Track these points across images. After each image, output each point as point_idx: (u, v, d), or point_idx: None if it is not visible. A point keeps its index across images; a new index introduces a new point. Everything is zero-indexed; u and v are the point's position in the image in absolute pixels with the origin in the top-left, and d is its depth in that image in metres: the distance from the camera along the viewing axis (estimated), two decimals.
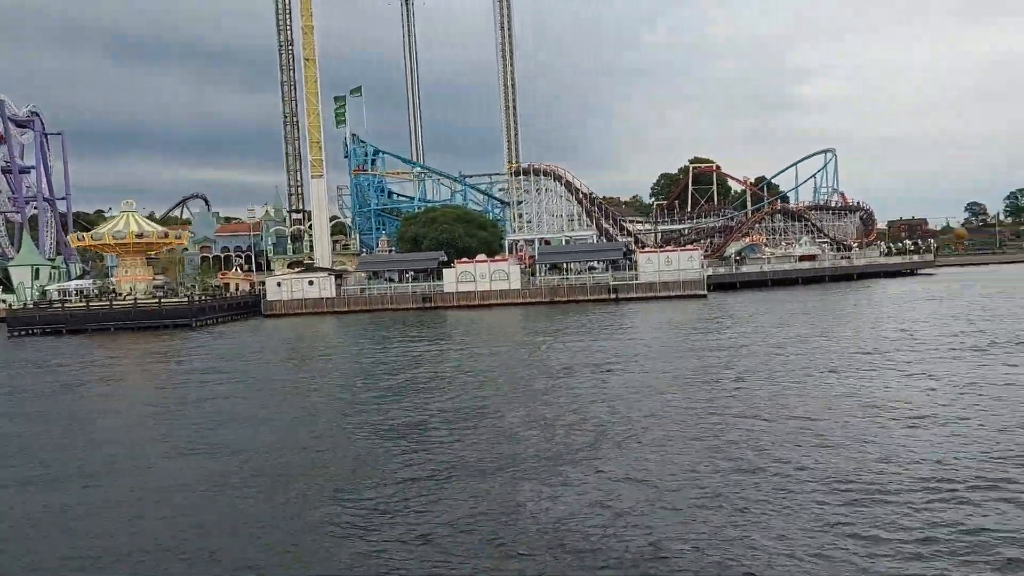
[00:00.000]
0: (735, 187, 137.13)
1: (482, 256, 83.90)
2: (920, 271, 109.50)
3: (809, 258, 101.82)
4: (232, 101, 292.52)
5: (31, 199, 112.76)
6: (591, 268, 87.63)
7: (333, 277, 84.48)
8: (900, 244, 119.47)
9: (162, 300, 74.06)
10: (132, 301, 73.65)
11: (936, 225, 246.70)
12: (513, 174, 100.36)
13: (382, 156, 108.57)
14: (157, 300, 73.99)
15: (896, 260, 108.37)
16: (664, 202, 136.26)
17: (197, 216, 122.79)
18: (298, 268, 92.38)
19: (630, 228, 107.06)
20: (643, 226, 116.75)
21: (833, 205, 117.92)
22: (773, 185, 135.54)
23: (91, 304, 74.32)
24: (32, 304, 78.44)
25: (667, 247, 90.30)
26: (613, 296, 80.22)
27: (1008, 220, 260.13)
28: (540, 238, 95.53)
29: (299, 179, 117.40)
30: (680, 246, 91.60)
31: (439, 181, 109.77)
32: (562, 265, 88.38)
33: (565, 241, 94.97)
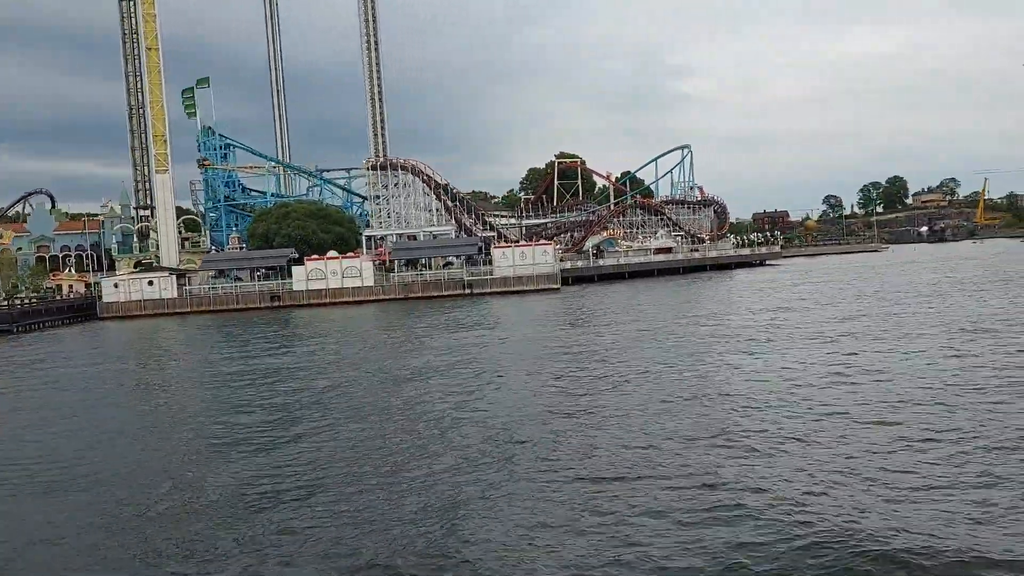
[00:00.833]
0: (600, 182, 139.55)
1: (333, 253, 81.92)
2: (768, 262, 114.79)
3: (665, 251, 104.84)
4: (91, 88, 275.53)
5: None
6: (448, 264, 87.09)
7: (174, 277, 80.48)
8: (749, 237, 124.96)
9: None
10: None
11: (798, 217, 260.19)
12: (370, 169, 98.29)
13: (233, 150, 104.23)
14: None
15: (745, 252, 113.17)
16: (531, 196, 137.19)
17: (33, 213, 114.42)
18: (139, 268, 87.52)
19: (493, 223, 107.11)
20: (508, 221, 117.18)
21: (688, 199, 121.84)
22: (640, 180, 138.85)
23: None
24: None
25: (521, 242, 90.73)
26: (468, 291, 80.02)
27: (861, 212, 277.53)
28: (398, 234, 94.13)
29: (146, 174, 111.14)
30: (544, 240, 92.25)
31: (296, 176, 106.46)
32: (420, 261, 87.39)
33: (423, 236, 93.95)
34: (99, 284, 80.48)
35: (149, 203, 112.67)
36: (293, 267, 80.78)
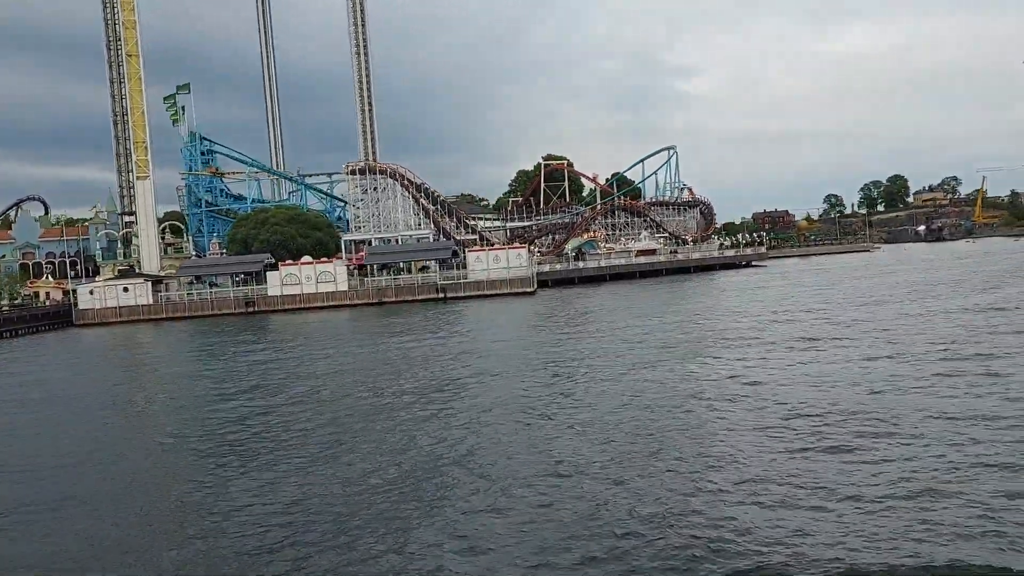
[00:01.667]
0: (588, 184, 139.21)
1: (307, 258, 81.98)
2: (754, 263, 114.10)
3: (648, 253, 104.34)
4: (89, 93, 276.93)
5: None
6: (424, 268, 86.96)
7: (149, 283, 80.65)
8: (735, 238, 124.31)
9: None
10: None
11: (801, 217, 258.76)
12: (350, 173, 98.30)
13: (214, 155, 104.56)
14: None
15: (730, 253, 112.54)
16: (519, 199, 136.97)
17: (18, 221, 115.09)
18: (114, 275, 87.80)
19: (475, 226, 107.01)
20: (493, 223, 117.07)
21: (673, 201, 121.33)
22: (631, 181, 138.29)
23: None
24: None
25: (496, 245, 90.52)
26: (442, 296, 79.85)
27: (862, 211, 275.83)
28: (376, 238, 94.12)
29: (131, 180, 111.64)
30: (518, 244, 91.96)
31: (276, 181, 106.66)
32: (397, 265, 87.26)
33: (402, 240, 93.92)
34: (75, 291, 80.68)
35: (134, 209, 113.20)
36: (268, 272, 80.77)
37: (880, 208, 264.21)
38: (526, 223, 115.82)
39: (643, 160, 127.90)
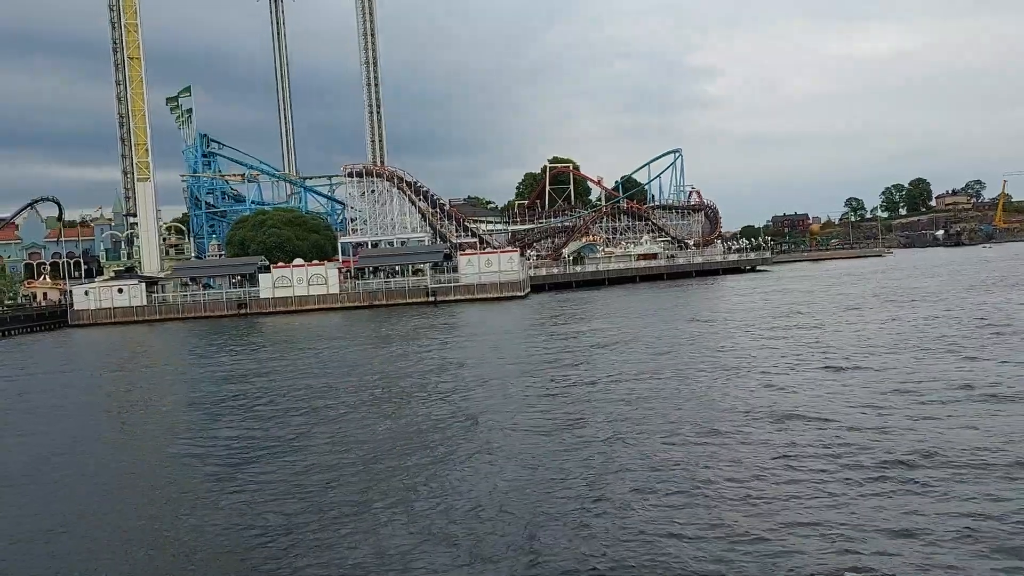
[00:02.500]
0: (595, 188, 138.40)
1: (299, 260, 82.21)
2: (759, 267, 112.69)
3: (649, 257, 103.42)
4: (102, 94, 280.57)
5: None
6: (418, 271, 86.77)
7: (143, 285, 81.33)
8: (739, 242, 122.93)
9: None
10: None
11: (821, 220, 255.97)
12: (348, 176, 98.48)
13: (215, 157, 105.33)
14: None
15: (733, 258, 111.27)
16: (525, 201, 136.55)
17: (25, 221, 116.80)
18: (110, 276, 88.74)
19: (476, 229, 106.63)
20: (495, 226, 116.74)
21: (677, 204, 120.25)
22: (638, 183, 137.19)
23: None
24: None
25: (488, 249, 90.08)
26: (432, 299, 79.66)
27: (884, 215, 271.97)
28: (372, 241, 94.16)
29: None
30: (509, 248, 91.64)
31: (277, 184, 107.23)
32: (393, 267, 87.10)
33: (399, 243, 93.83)
34: (71, 292, 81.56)
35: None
36: (260, 275, 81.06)
37: (902, 212, 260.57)
38: (527, 226, 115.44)
39: (649, 163, 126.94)
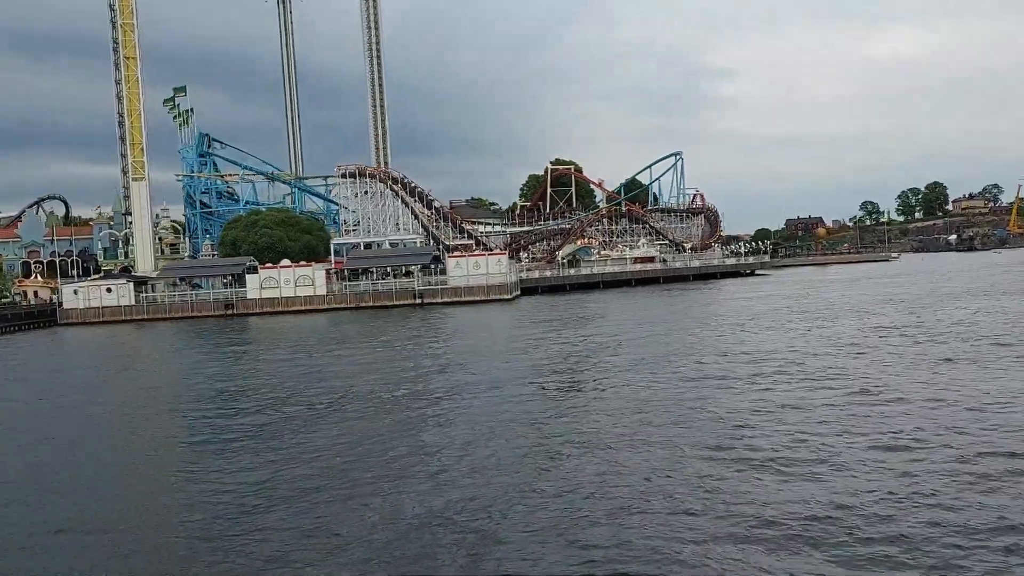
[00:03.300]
0: (597, 190, 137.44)
1: (286, 261, 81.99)
2: (758, 272, 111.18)
3: (646, 260, 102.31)
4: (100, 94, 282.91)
5: None
6: (407, 272, 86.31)
7: (131, 284, 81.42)
8: (738, 246, 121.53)
9: None
10: None
11: (835, 223, 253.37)
12: (341, 176, 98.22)
13: (211, 157, 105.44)
14: None
15: (731, 262, 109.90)
16: (528, 203, 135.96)
17: (24, 219, 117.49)
18: (98, 276, 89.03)
19: (472, 231, 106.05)
20: (494, 228, 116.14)
21: (677, 207, 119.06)
22: (642, 185, 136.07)
23: None
24: None
25: (476, 251, 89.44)
26: (419, 301, 79.16)
27: (899, 218, 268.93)
28: (365, 242, 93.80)
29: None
30: (498, 250, 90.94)
31: (273, 184, 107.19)
32: (383, 269, 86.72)
33: (392, 244, 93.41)
34: (61, 291, 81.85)
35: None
36: (248, 275, 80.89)
37: (918, 215, 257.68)
38: (525, 228, 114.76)
39: (650, 166, 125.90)
